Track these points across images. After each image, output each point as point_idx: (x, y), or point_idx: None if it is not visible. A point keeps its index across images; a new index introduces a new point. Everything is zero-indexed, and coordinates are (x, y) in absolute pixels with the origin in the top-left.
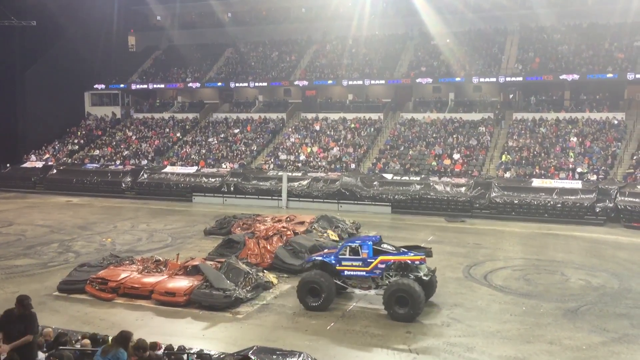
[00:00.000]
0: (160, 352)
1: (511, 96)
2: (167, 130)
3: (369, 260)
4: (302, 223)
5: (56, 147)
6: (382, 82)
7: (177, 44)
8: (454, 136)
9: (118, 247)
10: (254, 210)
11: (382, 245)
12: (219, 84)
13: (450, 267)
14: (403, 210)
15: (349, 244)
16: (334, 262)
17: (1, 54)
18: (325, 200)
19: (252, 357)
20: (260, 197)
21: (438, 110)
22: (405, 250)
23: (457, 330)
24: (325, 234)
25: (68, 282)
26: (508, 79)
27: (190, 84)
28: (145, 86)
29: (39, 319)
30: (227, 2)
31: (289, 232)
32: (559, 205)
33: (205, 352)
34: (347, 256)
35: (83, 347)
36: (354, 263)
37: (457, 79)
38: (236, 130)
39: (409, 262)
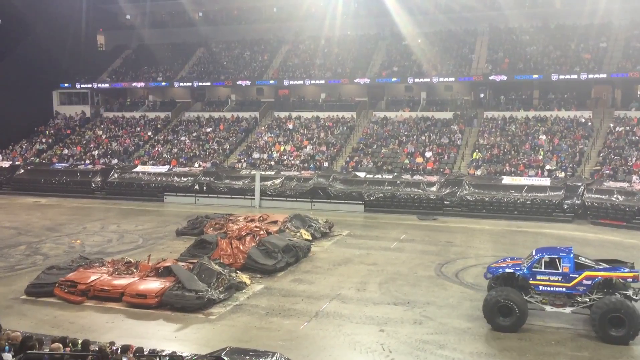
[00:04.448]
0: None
1: (482, 95)
2: (138, 129)
3: (571, 275)
4: (275, 222)
5: (24, 147)
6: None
7: (147, 43)
8: (426, 134)
9: (88, 249)
10: (227, 209)
11: (580, 258)
12: (194, 84)
13: (422, 265)
14: (376, 209)
15: (544, 255)
16: (527, 275)
17: None
18: (298, 199)
19: (225, 358)
20: (233, 196)
21: (410, 109)
22: (607, 265)
23: (429, 328)
24: (298, 234)
25: (36, 285)
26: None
27: (161, 83)
28: (115, 85)
29: (6, 324)
30: (198, 1)
31: (261, 232)
32: (528, 202)
33: (177, 354)
34: (543, 270)
35: (52, 352)
36: (552, 278)
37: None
38: (208, 129)
39: (619, 279)
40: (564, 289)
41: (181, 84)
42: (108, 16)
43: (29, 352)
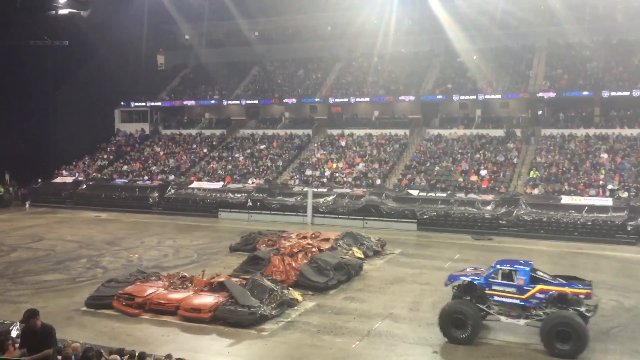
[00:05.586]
0: None
1: (539, 113)
2: (195, 146)
3: (525, 288)
4: (327, 240)
5: (86, 163)
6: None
7: (204, 62)
8: (481, 152)
9: (145, 263)
10: (279, 226)
11: (537, 272)
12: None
13: None
14: (429, 227)
15: (501, 267)
16: (484, 285)
17: (35, 72)
18: (350, 217)
19: None
20: (285, 213)
21: (465, 126)
22: (563, 281)
23: (483, 350)
24: (350, 251)
25: (96, 298)
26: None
27: (211, 101)
28: (166, 104)
29: (67, 334)
30: (254, 20)
31: (313, 249)
32: (589, 223)
33: None
34: (499, 280)
35: None
36: (507, 289)
37: None
38: (262, 146)
39: (574, 294)
40: (518, 301)
41: (230, 102)
42: (168, 36)
43: None
